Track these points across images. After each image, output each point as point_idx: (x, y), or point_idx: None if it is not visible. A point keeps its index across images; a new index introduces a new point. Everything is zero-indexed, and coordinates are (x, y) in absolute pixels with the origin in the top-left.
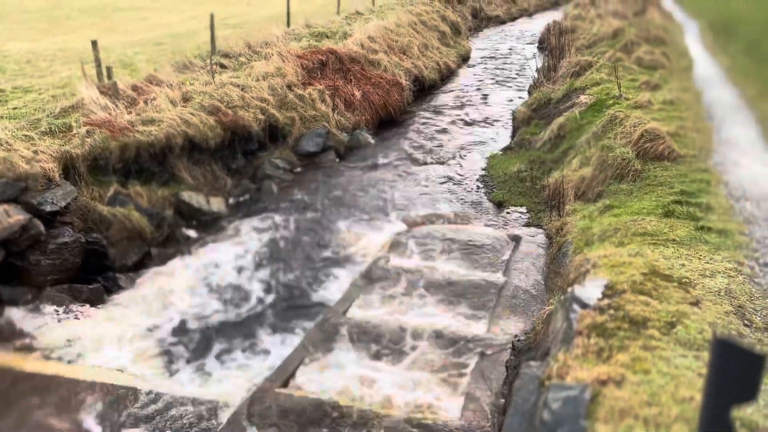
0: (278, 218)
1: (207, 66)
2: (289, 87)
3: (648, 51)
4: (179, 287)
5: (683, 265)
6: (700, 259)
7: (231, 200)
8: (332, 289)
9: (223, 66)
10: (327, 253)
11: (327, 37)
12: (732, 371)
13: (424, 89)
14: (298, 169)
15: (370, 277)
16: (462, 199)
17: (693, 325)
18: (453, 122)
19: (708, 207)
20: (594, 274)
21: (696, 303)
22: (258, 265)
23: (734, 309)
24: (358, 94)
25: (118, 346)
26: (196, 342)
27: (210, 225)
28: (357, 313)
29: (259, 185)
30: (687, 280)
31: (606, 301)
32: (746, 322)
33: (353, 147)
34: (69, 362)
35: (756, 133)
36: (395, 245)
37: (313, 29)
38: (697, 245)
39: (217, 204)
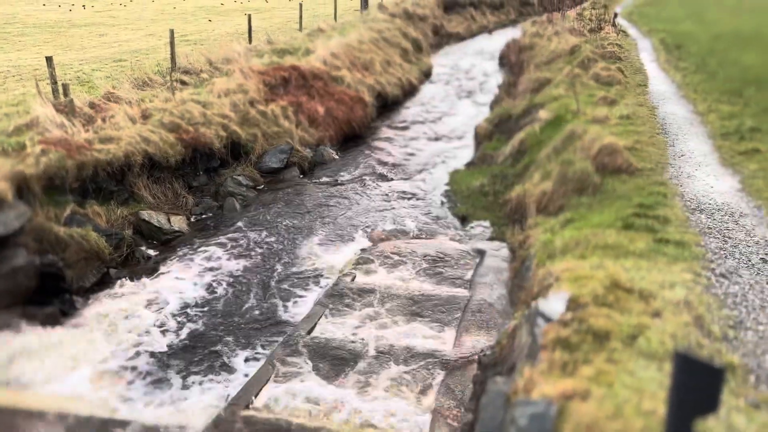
0: (241, 236)
1: (167, 83)
2: (251, 103)
3: (604, 67)
4: (139, 308)
5: (643, 277)
6: (659, 270)
7: (193, 218)
8: (297, 307)
9: (183, 83)
10: (291, 271)
11: (289, 53)
12: (694, 385)
13: (388, 105)
14: (262, 186)
15: (335, 295)
16: (427, 213)
17: (654, 337)
18: (416, 138)
19: (665, 219)
20: (557, 287)
21: (657, 315)
22: (220, 284)
23: (693, 320)
24: (321, 110)
25: (73, 370)
26: (157, 365)
27: (171, 244)
28: (322, 331)
29: (221, 203)
30: (647, 292)
31: (569, 315)
32: (705, 332)
33: (317, 163)
34: (20, 389)
35: (708, 146)
36: (360, 262)
37: (276, 46)
38: (655, 257)
39: (178, 222)
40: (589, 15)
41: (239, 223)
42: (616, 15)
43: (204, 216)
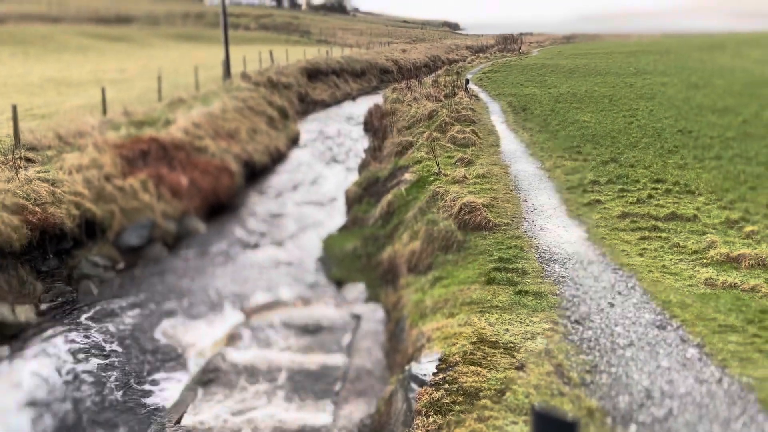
0: (99, 322)
1: (9, 161)
2: (107, 178)
3: (460, 130)
4: None
5: (507, 329)
6: (521, 322)
7: (43, 306)
8: (165, 394)
9: (29, 160)
10: (157, 356)
11: (149, 125)
12: None
13: (256, 173)
14: (122, 265)
15: (206, 378)
16: (301, 280)
17: (520, 390)
18: (286, 204)
19: (523, 271)
20: (429, 348)
21: (521, 367)
22: (76, 376)
23: (554, 368)
24: (184, 181)
25: None
26: None
27: (17, 337)
28: (192, 419)
29: (75, 287)
30: (512, 345)
31: (441, 376)
32: (565, 380)
33: (183, 236)
34: None
35: (556, 199)
36: (233, 338)
37: (133, 117)
38: (517, 309)
39: (24, 313)
40: (444, 81)
41: (97, 308)
42: (467, 81)
43: (56, 303)
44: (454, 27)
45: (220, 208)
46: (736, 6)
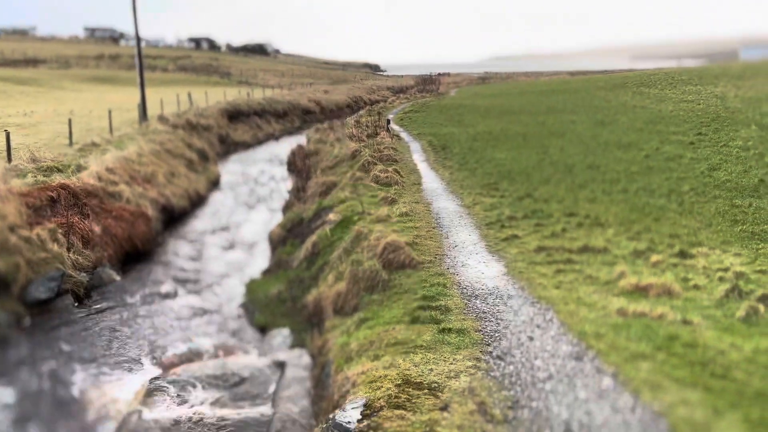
0: (1, 383)
1: None
2: (11, 229)
3: (383, 169)
4: None
5: (431, 369)
6: (444, 361)
7: None
8: None
9: None
10: (67, 417)
11: (58, 171)
12: None
13: (175, 217)
14: (28, 321)
15: None
16: (223, 329)
17: None
18: (207, 248)
19: (447, 308)
20: (354, 393)
21: (445, 408)
22: None
23: (477, 407)
24: (97, 229)
25: None
26: None
27: None
28: None
29: None
30: (436, 385)
31: (366, 422)
32: (488, 417)
33: (96, 287)
34: None
35: (476, 235)
36: (150, 394)
37: (42, 164)
38: (441, 347)
39: None
40: (366, 121)
41: None
42: (389, 121)
43: None
44: (375, 68)
45: (137, 255)
46: (634, 48)
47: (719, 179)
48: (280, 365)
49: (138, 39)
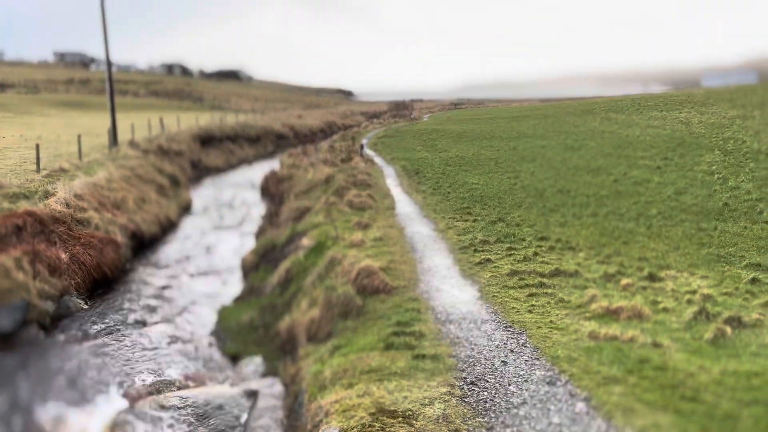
0: None
1: None
2: None
3: (357, 194)
4: None
5: (406, 396)
6: (419, 387)
7: None
8: None
9: None
10: None
11: (25, 197)
12: None
13: (145, 244)
14: None
15: None
16: (193, 358)
17: None
18: (178, 276)
19: (421, 334)
20: (327, 423)
21: None
22: None
23: None
24: (65, 256)
25: None
26: None
27: None
28: None
29: None
30: (410, 412)
31: None
32: None
33: (62, 316)
34: None
35: (450, 260)
36: (117, 427)
37: (7, 190)
38: (415, 374)
39: None
40: (340, 146)
41: None
42: (362, 146)
43: None
44: (348, 94)
45: (106, 283)
46: (601, 74)
47: (685, 203)
48: (252, 394)
49: (109, 63)
